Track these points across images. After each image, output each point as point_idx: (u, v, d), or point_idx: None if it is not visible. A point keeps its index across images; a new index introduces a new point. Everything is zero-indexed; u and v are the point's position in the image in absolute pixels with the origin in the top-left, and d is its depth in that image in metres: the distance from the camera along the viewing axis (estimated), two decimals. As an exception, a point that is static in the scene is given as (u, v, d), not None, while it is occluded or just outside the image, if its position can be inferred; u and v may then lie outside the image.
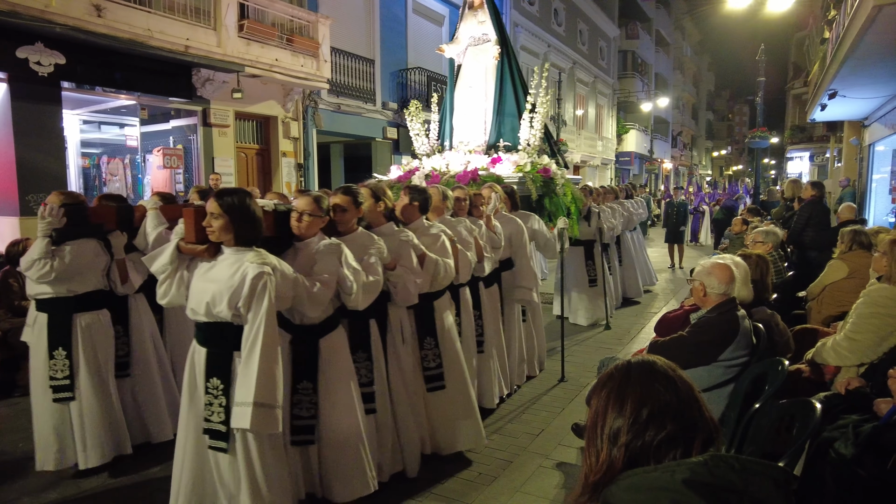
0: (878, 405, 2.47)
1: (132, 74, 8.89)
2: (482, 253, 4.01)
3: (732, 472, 1.00)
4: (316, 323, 2.86)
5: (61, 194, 3.34)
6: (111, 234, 3.49)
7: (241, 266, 2.44)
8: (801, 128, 25.66)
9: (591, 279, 6.88)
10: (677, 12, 41.27)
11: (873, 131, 14.06)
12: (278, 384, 2.45)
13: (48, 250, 3.16)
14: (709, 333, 2.89)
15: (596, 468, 1.12)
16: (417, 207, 3.56)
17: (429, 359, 3.49)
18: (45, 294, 3.29)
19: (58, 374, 3.29)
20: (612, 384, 1.17)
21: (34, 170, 7.87)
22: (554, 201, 5.94)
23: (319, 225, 2.91)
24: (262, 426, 2.39)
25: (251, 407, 2.34)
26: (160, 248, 2.67)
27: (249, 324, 2.42)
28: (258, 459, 2.50)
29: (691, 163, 51.01)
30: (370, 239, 3.08)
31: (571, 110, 25.46)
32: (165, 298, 2.64)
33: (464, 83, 6.86)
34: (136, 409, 3.69)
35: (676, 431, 1.09)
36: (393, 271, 3.14)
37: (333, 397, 2.86)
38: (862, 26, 7.08)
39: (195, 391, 2.58)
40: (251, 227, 2.53)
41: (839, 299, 4.39)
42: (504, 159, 6.06)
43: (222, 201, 2.47)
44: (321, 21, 11.53)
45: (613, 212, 7.56)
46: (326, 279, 2.73)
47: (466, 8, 6.90)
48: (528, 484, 3.30)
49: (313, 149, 12.90)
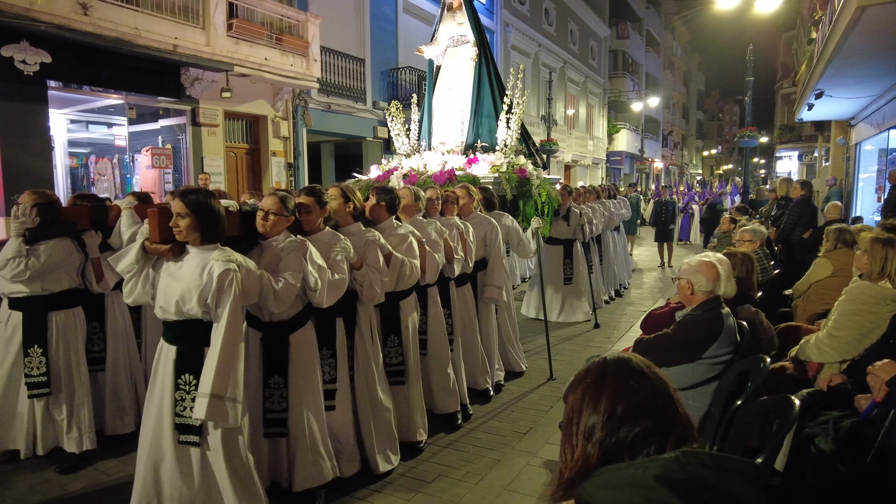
0: (858, 401, 2.50)
1: (119, 73, 8.81)
2: (452, 254, 4.04)
3: (704, 467, 1.01)
4: (285, 319, 2.95)
5: (34, 193, 3.36)
6: (85, 233, 3.53)
7: (207, 264, 2.51)
8: (789, 127, 25.87)
9: (567, 278, 6.99)
10: (667, 12, 41.49)
11: (859, 131, 14.21)
12: (238, 378, 2.49)
13: (22, 249, 3.19)
14: (693, 331, 2.91)
15: (571, 464, 1.13)
16: (385, 207, 3.62)
17: (391, 356, 3.62)
18: (20, 293, 3.33)
19: (33, 371, 3.33)
20: (587, 381, 1.18)
21: (20, 170, 7.78)
22: (528, 203, 5.97)
23: (285, 224, 2.96)
24: (216, 417, 2.43)
25: (206, 398, 2.39)
26: (126, 248, 2.71)
27: (217, 319, 2.50)
28: (222, 453, 2.54)
29: (682, 162, 51.30)
30: (336, 238, 3.14)
31: (562, 110, 25.53)
32: (131, 297, 2.68)
33: (443, 84, 6.90)
34: (105, 402, 3.74)
35: (651, 428, 1.10)
36: (359, 270, 3.20)
37: (301, 391, 2.96)
38: (846, 27, 7.15)
39: (161, 389, 2.61)
40: (215, 226, 2.59)
41: (824, 297, 4.43)
42: (480, 159, 6.10)
43: (187, 200, 2.52)
44: (311, 20, 11.49)
45: (594, 211, 7.65)
46: (291, 276, 2.80)
47: (445, 9, 6.94)
48: (515, 482, 3.31)
49: (303, 148, 12.86)
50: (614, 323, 7.09)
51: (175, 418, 2.56)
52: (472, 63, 6.62)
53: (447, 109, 6.83)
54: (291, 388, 2.95)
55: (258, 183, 11.78)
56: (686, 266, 3.10)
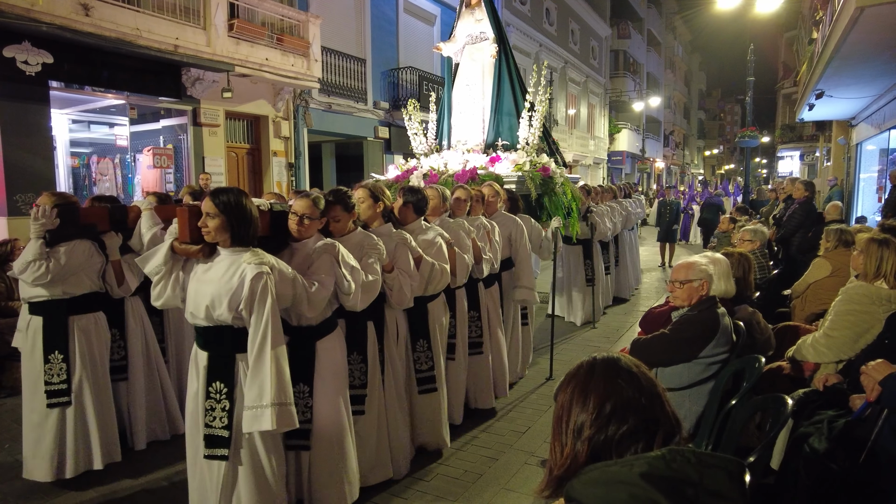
0: (853, 401, 2.51)
1: (120, 74, 8.84)
2: (480, 254, 3.98)
3: (689, 465, 1.02)
4: (313, 325, 2.83)
5: (52, 195, 3.28)
6: (105, 234, 3.42)
7: (238, 267, 2.40)
8: (790, 127, 25.87)
9: (588, 278, 6.93)
10: (668, 12, 41.46)
11: (860, 131, 14.21)
12: (290, 382, 2.45)
13: (43, 252, 3.11)
14: (689, 331, 2.92)
15: (560, 462, 1.15)
16: (412, 208, 3.54)
17: (421, 361, 3.50)
18: (40, 297, 3.24)
19: (53, 379, 3.22)
20: (577, 380, 1.20)
21: (22, 170, 7.82)
22: (554, 200, 5.94)
23: (318, 226, 2.89)
24: (284, 424, 2.38)
25: (270, 408, 2.32)
26: (154, 249, 2.62)
27: (254, 326, 2.38)
28: (266, 463, 2.49)
29: (683, 162, 51.25)
30: (368, 238, 3.06)
31: (563, 110, 25.53)
32: (160, 300, 2.60)
33: (461, 82, 6.82)
34: (128, 414, 3.66)
35: (638, 426, 1.12)
36: (390, 273, 3.12)
37: (326, 401, 2.84)
38: (846, 27, 7.16)
39: (195, 396, 2.54)
40: (247, 227, 2.48)
41: (822, 297, 4.44)
42: (503, 158, 6.03)
43: (218, 200, 2.43)
44: (311, 20, 11.51)
45: (612, 211, 7.56)
46: (324, 279, 2.70)
47: (464, 6, 6.85)
48: (513, 481, 3.33)
49: (304, 148, 12.89)
50: (614, 323, 7.10)
51: (204, 429, 2.48)
52: (491, 60, 6.54)
53: (466, 107, 6.74)
54: (317, 398, 2.83)
55: (259, 183, 11.81)
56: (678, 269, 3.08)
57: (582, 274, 6.91)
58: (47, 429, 3.24)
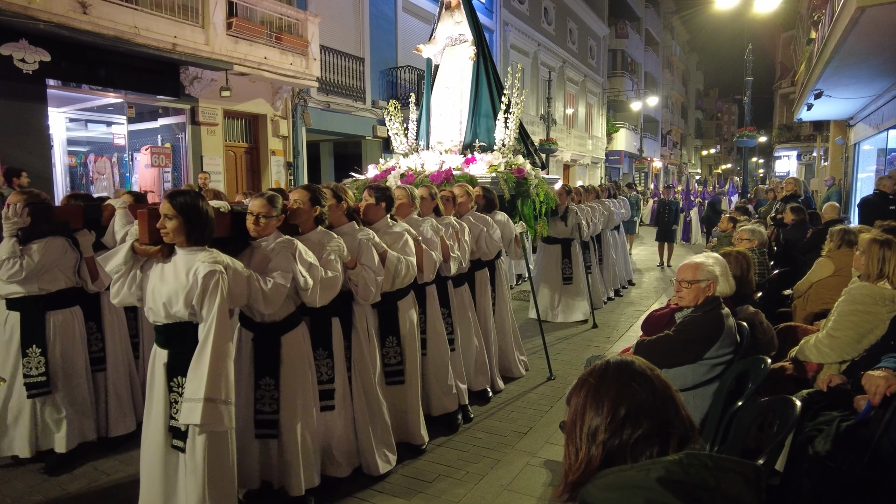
0: (857, 402, 2.51)
1: (118, 72, 8.80)
2: (448, 252, 4.03)
3: (705, 469, 1.02)
4: (277, 321, 2.94)
5: (23, 193, 3.37)
6: (79, 232, 3.53)
7: (193, 265, 2.50)
8: (788, 127, 25.93)
9: (566, 277, 6.99)
10: (666, 11, 41.51)
11: (858, 131, 14.24)
12: (229, 381, 2.49)
13: (16, 250, 3.20)
14: (693, 332, 2.91)
15: (575, 466, 1.14)
16: (382, 207, 3.60)
17: (390, 356, 3.62)
18: (16, 293, 3.33)
19: (32, 371, 3.33)
20: (590, 384, 1.19)
21: (19, 168, 7.77)
22: (527, 203, 5.97)
23: (275, 224, 2.95)
24: (211, 422, 2.41)
25: (201, 402, 2.37)
26: (115, 249, 2.70)
27: (203, 321, 2.48)
28: (203, 458, 2.51)
29: (681, 161, 51.34)
30: (328, 236, 3.13)
31: (561, 109, 25.54)
32: (117, 298, 2.67)
33: (441, 83, 6.89)
34: (106, 402, 3.74)
35: (652, 430, 1.11)
36: (353, 269, 3.19)
37: (292, 393, 2.96)
38: (846, 27, 7.17)
39: (156, 392, 2.62)
40: (202, 228, 2.58)
41: (823, 297, 4.43)
42: (478, 159, 6.09)
43: (175, 202, 2.52)
44: (310, 19, 11.48)
45: (594, 211, 7.66)
46: (279, 276, 2.78)
47: (444, 8, 6.93)
48: (515, 482, 3.32)
49: (303, 147, 12.85)
50: (613, 323, 7.10)
51: (169, 421, 2.57)
52: (470, 62, 6.61)
53: (445, 109, 6.82)
54: (283, 390, 2.95)
55: (257, 182, 11.78)
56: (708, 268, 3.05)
57: (559, 273, 6.98)
58: (17, 412, 3.38)
